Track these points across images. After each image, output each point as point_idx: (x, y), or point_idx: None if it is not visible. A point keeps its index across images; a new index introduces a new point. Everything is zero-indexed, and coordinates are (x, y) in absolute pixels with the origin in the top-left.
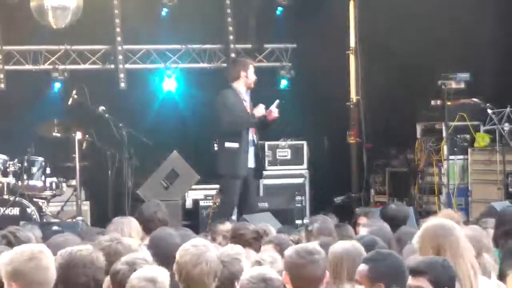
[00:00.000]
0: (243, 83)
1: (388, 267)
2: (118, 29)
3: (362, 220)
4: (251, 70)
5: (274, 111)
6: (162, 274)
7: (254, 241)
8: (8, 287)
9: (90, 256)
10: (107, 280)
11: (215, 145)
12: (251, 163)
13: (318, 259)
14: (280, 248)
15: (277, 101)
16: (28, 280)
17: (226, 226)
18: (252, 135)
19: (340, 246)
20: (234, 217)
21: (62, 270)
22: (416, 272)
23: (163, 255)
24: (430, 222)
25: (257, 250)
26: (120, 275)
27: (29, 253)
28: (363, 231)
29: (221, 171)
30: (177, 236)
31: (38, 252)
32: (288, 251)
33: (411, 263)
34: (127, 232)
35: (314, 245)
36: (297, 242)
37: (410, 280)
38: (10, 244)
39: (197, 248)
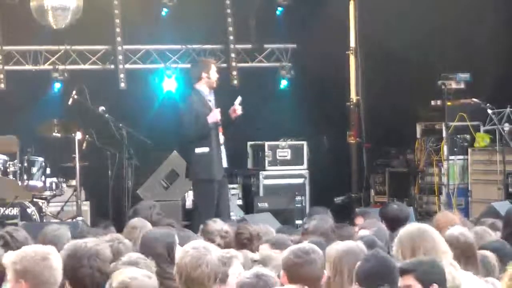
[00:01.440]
0: (206, 84)
1: (368, 268)
2: (118, 29)
3: (359, 220)
4: (212, 70)
5: (238, 109)
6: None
7: (248, 243)
8: (15, 285)
9: (95, 248)
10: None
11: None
12: (224, 163)
13: (315, 258)
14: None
15: (239, 98)
16: (38, 280)
17: (219, 225)
18: (220, 135)
19: (342, 245)
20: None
21: (67, 262)
22: (403, 271)
23: (155, 255)
24: (408, 226)
25: (252, 251)
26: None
27: (42, 253)
28: (361, 232)
29: (198, 176)
30: (168, 236)
31: (49, 253)
32: (286, 251)
33: (399, 264)
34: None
35: (311, 245)
36: (297, 242)
37: (400, 281)
38: (7, 244)
39: (197, 251)
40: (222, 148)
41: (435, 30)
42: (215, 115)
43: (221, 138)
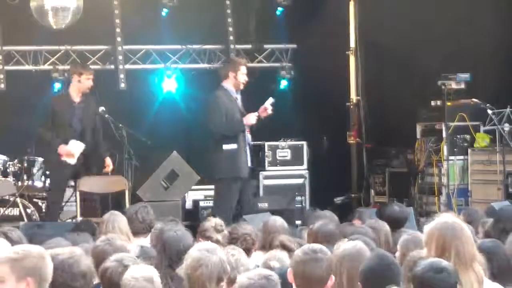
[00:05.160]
0: (232, 83)
1: (371, 268)
2: (118, 29)
3: (357, 222)
4: (241, 71)
5: (268, 108)
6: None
7: (244, 243)
8: (19, 283)
9: (68, 260)
10: None
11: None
12: (249, 162)
13: (322, 258)
14: None
15: (271, 99)
16: (42, 276)
17: (213, 222)
18: (247, 135)
19: (341, 247)
20: None
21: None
22: None
23: (174, 256)
24: (442, 219)
25: (249, 250)
26: (109, 272)
27: (42, 251)
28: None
29: (221, 174)
30: (188, 237)
31: (45, 251)
32: (297, 249)
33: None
34: (117, 227)
35: (321, 245)
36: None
37: None
38: None
39: (200, 252)
40: (248, 147)
41: (435, 30)
42: (251, 119)
43: (249, 137)
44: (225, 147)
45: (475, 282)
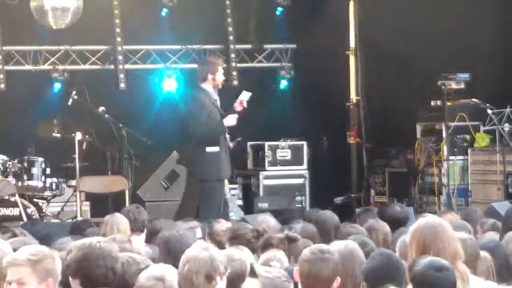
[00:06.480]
0: (211, 85)
1: (374, 266)
2: (118, 29)
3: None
4: (219, 72)
5: (244, 101)
6: (170, 272)
7: (255, 240)
8: (40, 285)
9: (108, 248)
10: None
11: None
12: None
13: (329, 258)
14: None
15: (248, 93)
16: (58, 277)
17: (224, 225)
18: (228, 138)
19: (333, 247)
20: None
21: (81, 262)
22: None
23: (178, 255)
24: (424, 219)
25: (257, 249)
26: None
27: (52, 251)
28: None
29: (204, 176)
30: (189, 237)
31: (53, 251)
32: (305, 249)
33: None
34: (116, 229)
35: (329, 246)
36: None
37: None
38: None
39: (193, 249)
40: (228, 150)
41: (435, 30)
42: (232, 120)
43: (230, 143)
44: (208, 149)
45: (459, 280)
